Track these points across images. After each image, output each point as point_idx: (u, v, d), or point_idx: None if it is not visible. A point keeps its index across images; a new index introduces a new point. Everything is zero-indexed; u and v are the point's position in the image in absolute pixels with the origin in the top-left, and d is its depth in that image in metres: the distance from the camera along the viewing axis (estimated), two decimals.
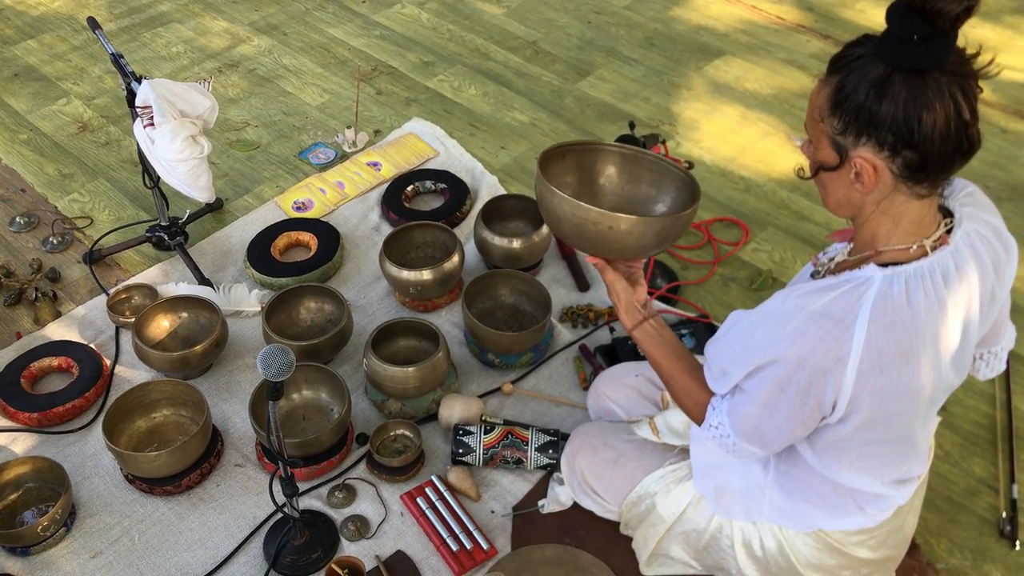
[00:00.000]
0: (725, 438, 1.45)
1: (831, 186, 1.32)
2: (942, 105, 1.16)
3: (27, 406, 2.11)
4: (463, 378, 2.25)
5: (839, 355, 1.25)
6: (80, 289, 2.49)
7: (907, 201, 1.27)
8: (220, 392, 2.21)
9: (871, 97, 1.18)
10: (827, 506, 1.53)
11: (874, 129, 1.20)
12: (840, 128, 1.24)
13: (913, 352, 1.27)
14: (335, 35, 3.57)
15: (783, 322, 1.29)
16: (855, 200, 1.30)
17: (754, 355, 1.33)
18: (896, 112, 1.17)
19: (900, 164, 1.21)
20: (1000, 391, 2.23)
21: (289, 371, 1.50)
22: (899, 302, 1.25)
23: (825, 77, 1.26)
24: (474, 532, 1.89)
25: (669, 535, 1.74)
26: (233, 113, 3.14)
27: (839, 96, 1.22)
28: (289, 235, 2.56)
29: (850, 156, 1.25)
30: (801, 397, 1.31)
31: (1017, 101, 3.22)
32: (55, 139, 3.01)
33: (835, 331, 1.24)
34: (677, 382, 1.55)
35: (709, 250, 2.64)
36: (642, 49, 3.50)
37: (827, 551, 1.58)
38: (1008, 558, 1.91)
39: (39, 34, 3.53)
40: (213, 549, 1.90)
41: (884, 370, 1.26)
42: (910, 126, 1.17)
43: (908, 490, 1.54)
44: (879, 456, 1.43)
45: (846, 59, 1.23)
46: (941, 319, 1.27)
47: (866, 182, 1.25)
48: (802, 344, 1.27)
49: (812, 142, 1.32)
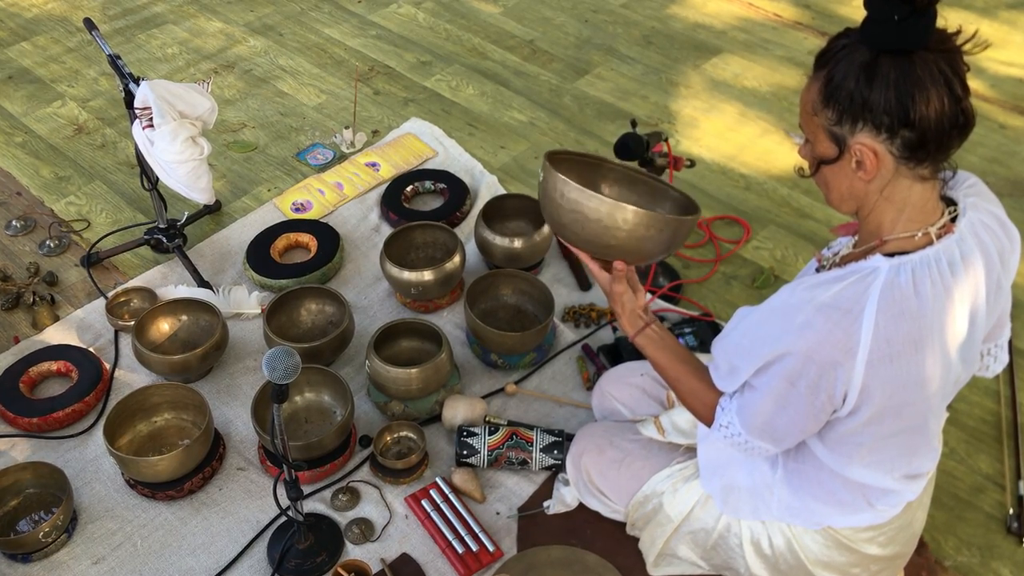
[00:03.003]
0: (737, 436, 1.44)
1: (833, 180, 1.32)
2: (932, 82, 1.17)
3: (26, 411, 2.09)
4: (466, 379, 2.23)
5: (848, 346, 1.25)
6: (78, 292, 2.47)
7: (910, 186, 1.27)
8: (221, 395, 2.19)
9: (861, 82, 1.20)
10: (836, 503, 1.52)
11: (869, 113, 1.20)
12: (835, 118, 1.24)
13: (922, 342, 1.26)
14: (331, 35, 3.56)
15: (791, 315, 1.29)
16: (858, 191, 1.30)
17: (763, 349, 1.33)
18: (888, 93, 1.18)
19: (900, 145, 1.22)
20: (1005, 387, 2.23)
21: (295, 373, 1.49)
22: (907, 291, 1.25)
23: (813, 73, 1.28)
24: (479, 534, 1.87)
25: (677, 535, 1.73)
26: (230, 114, 3.13)
27: (830, 87, 1.23)
28: (288, 236, 2.54)
29: (849, 145, 1.25)
30: (812, 390, 1.30)
31: (1015, 97, 3.22)
32: (51, 142, 2.99)
33: (844, 322, 1.24)
34: (683, 385, 1.54)
35: (711, 248, 2.63)
36: (640, 47, 3.50)
37: (837, 548, 1.57)
38: (1016, 555, 1.91)
39: (33, 36, 3.51)
40: (216, 554, 1.88)
41: (893, 360, 1.26)
42: (904, 105, 1.18)
43: (918, 485, 1.53)
44: (890, 450, 1.43)
45: (831, 51, 1.24)
46: (948, 308, 1.27)
47: (868, 168, 1.25)
48: (811, 336, 1.26)
49: (809, 140, 1.32)
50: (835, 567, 1.60)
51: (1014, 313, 2.41)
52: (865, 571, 1.62)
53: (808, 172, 1.36)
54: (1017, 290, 2.50)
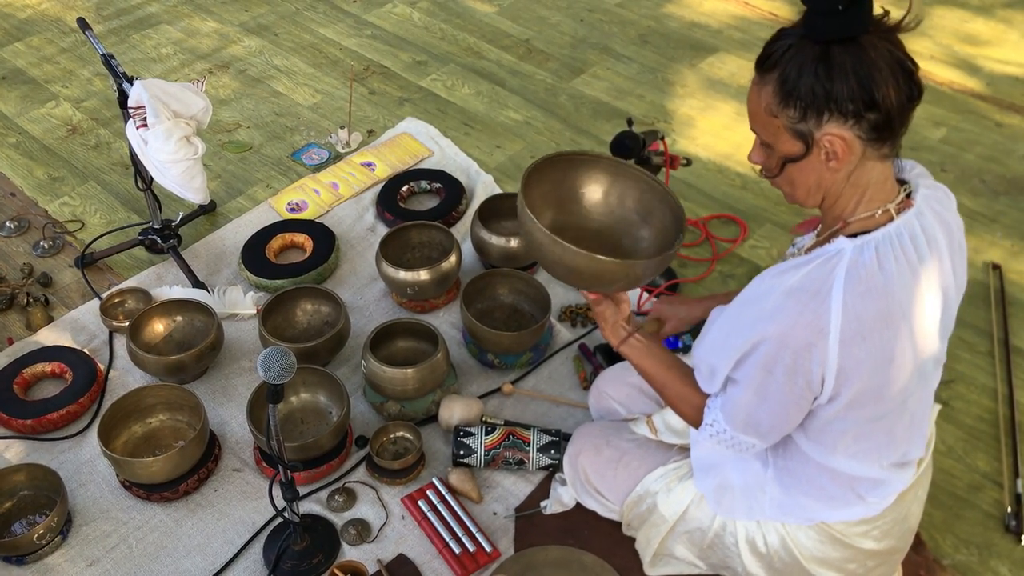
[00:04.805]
0: (722, 433, 1.47)
1: (800, 176, 1.34)
2: (885, 62, 1.21)
3: (20, 413, 2.07)
4: (462, 379, 2.22)
5: (819, 326, 1.27)
6: (72, 293, 2.46)
7: (873, 167, 1.30)
8: (217, 396, 2.18)
9: (821, 75, 1.22)
10: (826, 497, 1.53)
11: (834, 103, 1.22)
12: (798, 116, 1.26)
13: (892, 317, 1.29)
14: (326, 35, 3.55)
15: (761, 303, 1.33)
16: (826, 181, 1.32)
17: (738, 341, 1.35)
18: (850, 81, 1.21)
19: (866, 128, 1.24)
20: (1002, 385, 2.22)
21: (290, 373, 1.48)
22: (871, 268, 1.27)
23: (759, 78, 1.30)
24: (476, 534, 1.87)
25: (672, 534, 1.73)
26: (225, 114, 3.11)
27: (786, 88, 1.25)
28: (283, 237, 2.53)
29: (817, 138, 1.27)
30: (789, 377, 1.32)
31: (1011, 95, 3.22)
32: (44, 142, 2.98)
33: (812, 304, 1.27)
34: (671, 390, 1.57)
35: (707, 247, 2.62)
36: (635, 47, 3.49)
37: (831, 544, 1.57)
38: (1014, 553, 1.91)
39: (26, 37, 3.49)
40: (212, 555, 1.87)
41: (866, 338, 1.28)
42: (867, 89, 1.21)
43: (907, 474, 1.53)
44: (874, 438, 1.44)
45: (775, 54, 1.27)
46: (915, 283, 1.30)
47: (841, 156, 1.27)
48: (783, 320, 1.29)
49: (766, 144, 1.34)
50: (830, 563, 1.60)
51: (1013, 312, 2.43)
52: (861, 566, 1.61)
53: (769, 174, 1.38)
54: (1018, 289, 2.50)
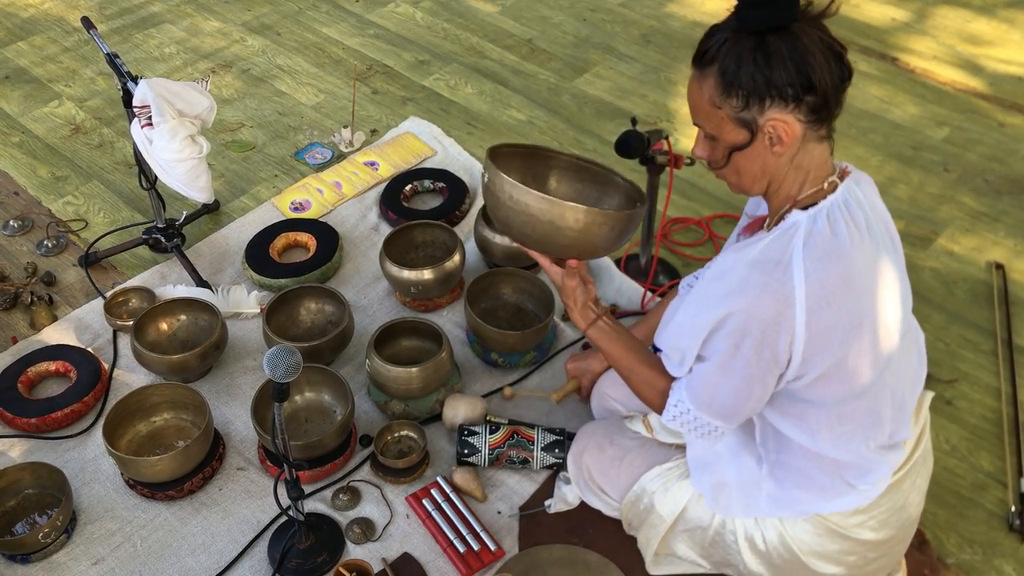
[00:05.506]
0: (686, 414, 1.51)
1: (746, 164, 1.40)
2: (817, 47, 1.28)
3: (25, 411, 2.08)
4: (466, 378, 2.23)
5: (784, 294, 1.32)
6: (76, 293, 2.46)
7: (814, 148, 1.37)
8: (221, 395, 2.18)
9: (760, 64, 1.28)
10: (817, 488, 1.54)
11: (774, 89, 1.29)
12: (741, 105, 1.32)
13: (852, 280, 1.34)
14: (329, 34, 3.55)
15: (727, 278, 1.38)
16: (771, 166, 1.38)
17: (708, 315, 1.39)
18: (788, 67, 1.28)
19: (805, 111, 1.31)
20: (1005, 385, 2.22)
21: (296, 372, 1.48)
22: (825, 234, 1.34)
23: (699, 73, 1.36)
24: (481, 533, 1.87)
25: (673, 533, 1.73)
26: (228, 114, 3.12)
27: (727, 78, 1.31)
28: (287, 236, 2.53)
29: (760, 125, 1.33)
30: (756, 351, 1.36)
31: (1014, 95, 3.22)
32: (48, 141, 2.98)
33: (776, 272, 1.33)
34: (637, 375, 1.61)
35: (710, 246, 2.63)
36: (638, 46, 3.49)
37: (828, 536, 1.58)
38: (1018, 552, 1.91)
39: (30, 36, 3.49)
40: (217, 554, 1.87)
41: (831, 303, 1.33)
42: (804, 73, 1.28)
43: (896, 456, 1.54)
44: (857, 417, 1.46)
45: (711, 49, 1.33)
46: (866, 243, 1.37)
47: (785, 140, 1.33)
48: (749, 292, 1.35)
49: (710, 136, 1.40)
50: (829, 556, 1.60)
51: (1016, 311, 2.43)
52: (861, 558, 1.61)
53: (715, 166, 1.44)
54: (1021, 288, 2.50)
